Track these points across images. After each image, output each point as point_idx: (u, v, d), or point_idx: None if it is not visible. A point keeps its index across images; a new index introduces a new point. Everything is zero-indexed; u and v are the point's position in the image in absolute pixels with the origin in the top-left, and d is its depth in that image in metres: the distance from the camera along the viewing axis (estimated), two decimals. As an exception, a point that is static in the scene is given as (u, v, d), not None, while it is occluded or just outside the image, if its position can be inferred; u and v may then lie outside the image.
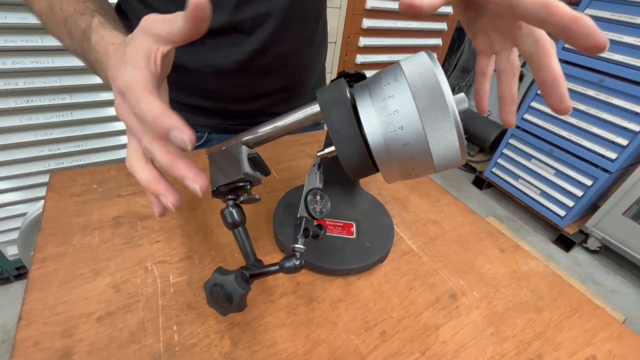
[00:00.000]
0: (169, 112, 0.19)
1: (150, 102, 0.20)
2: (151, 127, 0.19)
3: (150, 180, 0.23)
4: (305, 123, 0.28)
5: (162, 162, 0.21)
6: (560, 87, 0.22)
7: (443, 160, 0.24)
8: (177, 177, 0.21)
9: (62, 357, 0.24)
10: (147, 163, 0.23)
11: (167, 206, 0.23)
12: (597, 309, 0.34)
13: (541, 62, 0.23)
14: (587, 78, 1.45)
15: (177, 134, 0.19)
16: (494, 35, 0.28)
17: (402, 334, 0.29)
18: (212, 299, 0.24)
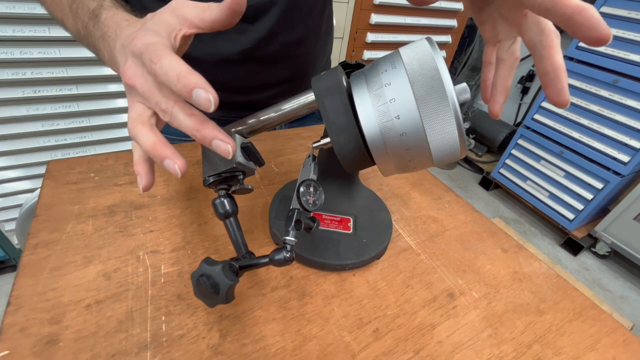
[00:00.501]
0: (193, 70, 0.19)
1: (174, 59, 0.19)
2: (173, 85, 0.19)
3: (156, 143, 0.21)
4: (301, 112, 0.28)
5: (188, 125, 0.20)
6: (561, 80, 0.21)
7: (441, 153, 0.23)
8: (205, 139, 0.21)
9: (48, 344, 0.24)
10: (151, 128, 0.22)
11: (173, 171, 0.21)
12: (602, 314, 0.33)
13: (544, 53, 0.22)
14: (601, 78, 1.41)
15: (201, 93, 0.18)
16: (500, 24, 0.27)
17: (396, 333, 0.28)
18: (198, 289, 0.23)
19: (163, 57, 0.19)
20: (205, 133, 0.21)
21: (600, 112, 1.44)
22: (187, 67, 0.19)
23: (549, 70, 0.21)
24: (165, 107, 0.21)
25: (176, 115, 0.21)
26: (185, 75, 0.18)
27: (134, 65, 0.21)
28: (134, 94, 0.23)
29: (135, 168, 0.24)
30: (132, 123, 0.22)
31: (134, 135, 0.22)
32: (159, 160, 0.22)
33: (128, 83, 0.22)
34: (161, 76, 0.19)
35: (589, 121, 1.49)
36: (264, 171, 0.46)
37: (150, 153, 0.22)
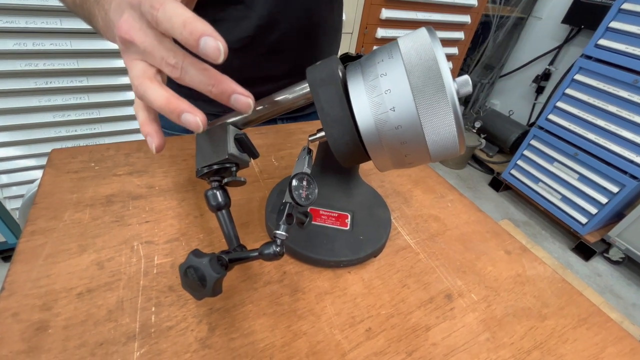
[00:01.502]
0: (200, 18, 0.17)
1: (177, 6, 0.17)
2: (179, 33, 0.17)
3: (170, 98, 0.19)
4: (297, 103, 0.27)
5: (202, 80, 0.19)
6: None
7: (439, 148, 0.22)
8: (223, 94, 0.19)
9: (38, 330, 0.24)
10: (160, 84, 0.20)
11: (195, 125, 0.19)
12: (609, 321, 0.31)
13: None
14: (620, 78, 1.36)
15: (210, 41, 0.17)
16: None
17: (389, 333, 0.28)
18: (186, 281, 0.23)
19: (165, 2, 0.17)
20: (223, 87, 0.19)
21: (619, 113, 1.39)
22: (192, 14, 0.17)
23: None
24: (173, 61, 0.19)
25: (187, 70, 0.19)
26: (191, 22, 0.17)
27: (130, 17, 0.20)
28: (132, 51, 0.21)
29: (143, 129, 0.22)
30: (139, 80, 0.20)
31: (142, 92, 0.20)
32: (175, 116, 0.20)
33: (125, 37, 0.20)
34: (164, 23, 0.17)
35: (606, 122, 1.44)
36: (264, 165, 0.46)
37: (164, 109, 0.20)
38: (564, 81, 1.58)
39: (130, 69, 0.21)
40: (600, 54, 1.41)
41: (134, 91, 0.21)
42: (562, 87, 1.58)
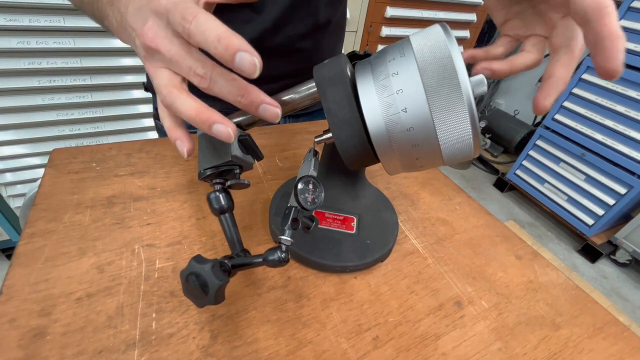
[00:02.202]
0: (235, 33, 0.17)
1: (211, 18, 0.17)
2: (213, 47, 0.17)
3: (200, 108, 0.19)
4: (303, 103, 0.26)
5: (231, 91, 0.19)
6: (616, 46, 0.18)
7: (453, 151, 0.21)
8: (252, 104, 0.19)
9: (36, 336, 0.24)
10: (188, 93, 0.20)
11: (226, 136, 0.19)
12: (625, 331, 0.30)
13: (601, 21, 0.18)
14: (629, 77, 1.34)
15: (246, 57, 0.16)
16: (530, 21, 0.25)
17: (397, 341, 0.27)
18: (187, 288, 0.22)
19: (198, 15, 0.17)
20: (251, 97, 0.19)
21: (627, 113, 1.36)
22: (226, 28, 0.17)
23: (604, 36, 0.18)
24: (202, 71, 0.19)
25: (216, 80, 0.19)
26: (227, 37, 0.16)
27: (156, 25, 0.19)
28: (156, 59, 0.20)
29: (172, 134, 0.22)
30: (167, 89, 0.20)
31: (171, 102, 0.20)
32: (206, 127, 0.19)
33: (150, 46, 0.19)
34: (197, 36, 0.17)
35: (614, 122, 1.41)
36: (268, 166, 0.45)
37: (194, 120, 0.19)
38: (571, 80, 1.56)
39: (154, 76, 0.21)
40: (609, 53, 1.39)
41: (160, 99, 0.21)
42: (570, 87, 1.55)
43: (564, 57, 0.22)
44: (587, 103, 1.50)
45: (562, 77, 0.22)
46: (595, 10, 0.18)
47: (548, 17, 0.24)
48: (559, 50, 0.23)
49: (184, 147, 0.22)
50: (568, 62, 0.22)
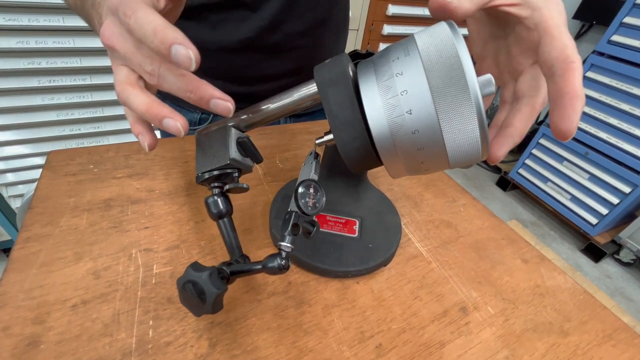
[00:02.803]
0: (171, 26, 0.17)
1: (149, 13, 0.17)
2: (150, 41, 0.17)
3: (151, 104, 0.20)
4: (303, 104, 0.25)
5: (180, 87, 0.19)
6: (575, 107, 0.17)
7: (459, 154, 0.20)
8: (202, 100, 0.19)
9: (29, 345, 0.23)
10: (142, 89, 0.20)
11: (175, 129, 0.20)
12: (636, 338, 0.29)
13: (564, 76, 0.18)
14: (634, 75, 1.32)
15: (181, 50, 0.16)
16: (503, 62, 0.24)
17: (401, 350, 0.26)
18: (184, 296, 0.21)
19: (137, 10, 0.17)
20: (201, 93, 0.19)
21: (632, 111, 1.35)
22: (164, 21, 0.17)
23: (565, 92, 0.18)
24: (150, 68, 0.19)
25: (164, 77, 0.19)
26: (162, 30, 0.16)
27: (112, 23, 0.19)
28: (116, 56, 0.21)
29: (134, 129, 0.22)
30: (121, 86, 0.20)
31: (125, 99, 0.20)
32: (157, 122, 0.20)
33: (107, 44, 0.20)
34: (136, 31, 0.17)
35: (619, 121, 1.40)
36: (268, 167, 0.44)
37: (146, 115, 0.20)
38: (575, 78, 1.54)
39: (114, 74, 0.21)
40: (613, 51, 1.37)
41: (117, 96, 0.21)
42: (573, 85, 1.53)
43: (525, 108, 0.22)
44: (591, 101, 1.49)
45: (520, 130, 0.22)
46: (561, 64, 0.18)
47: (518, 61, 0.23)
48: (521, 100, 0.22)
49: (145, 141, 0.22)
50: (528, 115, 0.22)
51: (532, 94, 0.22)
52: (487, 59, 0.26)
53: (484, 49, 0.26)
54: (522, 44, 0.22)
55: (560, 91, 0.18)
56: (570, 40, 0.19)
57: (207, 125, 0.28)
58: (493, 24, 0.24)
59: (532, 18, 0.20)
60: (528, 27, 0.21)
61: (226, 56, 0.45)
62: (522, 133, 0.22)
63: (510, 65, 0.24)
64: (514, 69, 0.23)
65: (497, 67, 0.25)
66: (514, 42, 0.23)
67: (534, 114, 0.22)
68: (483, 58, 0.26)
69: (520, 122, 0.22)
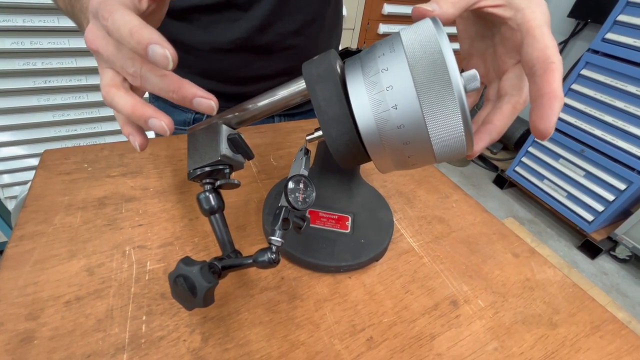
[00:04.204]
0: (148, 26, 0.17)
1: (125, 14, 0.17)
2: (127, 42, 0.17)
3: (135, 104, 0.20)
4: (293, 100, 0.25)
5: (162, 87, 0.19)
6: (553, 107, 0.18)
7: (444, 148, 0.20)
8: (185, 99, 0.20)
9: (23, 341, 0.23)
10: (127, 91, 0.21)
11: (161, 129, 0.20)
12: (623, 329, 0.30)
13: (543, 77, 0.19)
14: (628, 72, 1.33)
15: (157, 49, 0.17)
16: (489, 61, 0.25)
17: (392, 342, 0.26)
18: (175, 291, 0.22)
19: (114, 12, 0.17)
20: (183, 93, 0.19)
21: (626, 108, 1.36)
22: (140, 22, 0.17)
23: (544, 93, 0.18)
24: (132, 69, 0.19)
25: (146, 78, 0.19)
26: (138, 30, 0.17)
27: (94, 27, 0.20)
28: (100, 59, 0.21)
29: (124, 131, 0.23)
30: (105, 89, 0.21)
31: (110, 101, 0.21)
32: (142, 122, 0.20)
33: (90, 47, 0.20)
34: (114, 33, 0.18)
35: (614, 118, 1.41)
36: (262, 165, 0.44)
37: (131, 116, 0.20)
38: (570, 76, 1.55)
39: (100, 77, 0.21)
40: (608, 48, 1.38)
41: (103, 98, 0.21)
42: (568, 83, 1.55)
43: (506, 107, 0.22)
44: (586, 99, 1.50)
45: (498, 127, 0.22)
46: (541, 64, 0.18)
47: (503, 60, 0.23)
48: (503, 98, 0.23)
49: (136, 141, 0.23)
50: (509, 114, 0.22)
51: (514, 92, 0.22)
52: (474, 57, 0.26)
53: (471, 47, 0.26)
54: (506, 43, 0.23)
55: (540, 91, 0.18)
56: (551, 41, 0.19)
57: (199, 123, 0.28)
58: (479, 24, 0.25)
59: (515, 19, 0.21)
60: (511, 27, 0.21)
61: (219, 57, 0.45)
62: (501, 131, 0.22)
63: (495, 64, 0.24)
64: (499, 67, 0.24)
65: (484, 65, 0.25)
66: (499, 42, 0.23)
67: (514, 113, 0.22)
68: (470, 56, 0.26)
69: (500, 120, 0.22)
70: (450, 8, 0.21)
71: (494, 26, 0.24)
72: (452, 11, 0.21)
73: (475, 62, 0.26)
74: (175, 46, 0.19)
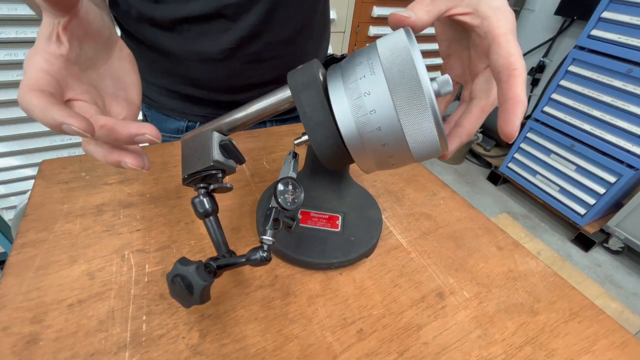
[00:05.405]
0: (53, 105, 0.19)
1: (30, 100, 0.19)
2: (44, 124, 0.19)
3: (105, 154, 0.23)
4: (281, 107, 0.27)
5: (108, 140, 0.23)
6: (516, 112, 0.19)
7: (421, 148, 0.22)
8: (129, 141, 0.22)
9: (29, 343, 0.24)
10: (97, 143, 0.23)
11: (137, 166, 0.24)
12: (600, 314, 0.31)
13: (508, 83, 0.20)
14: (613, 68, 1.36)
15: (67, 128, 0.18)
16: (465, 62, 0.27)
17: (381, 333, 0.28)
18: (173, 290, 0.23)
19: (22, 99, 0.19)
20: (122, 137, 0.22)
21: (613, 103, 1.39)
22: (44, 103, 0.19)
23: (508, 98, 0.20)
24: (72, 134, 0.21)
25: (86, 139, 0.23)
26: (43, 114, 0.19)
27: None
28: None
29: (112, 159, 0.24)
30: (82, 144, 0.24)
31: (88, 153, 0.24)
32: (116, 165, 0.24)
33: None
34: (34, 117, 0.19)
35: (602, 113, 1.44)
36: (255, 168, 0.46)
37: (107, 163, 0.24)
38: (558, 73, 1.58)
39: None
40: (594, 45, 1.41)
41: None
42: (557, 79, 1.58)
43: (475, 110, 0.24)
44: (574, 94, 1.53)
45: (468, 130, 0.23)
46: (505, 71, 0.20)
47: (475, 63, 0.25)
48: (473, 101, 0.24)
49: (135, 164, 0.24)
50: (477, 117, 0.24)
51: (482, 96, 0.24)
52: (452, 57, 0.28)
53: (449, 48, 0.28)
54: (477, 49, 0.24)
55: (505, 96, 0.20)
56: (515, 48, 0.20)
57: (192, 131, 0.29)
58: (455, 28, 0.26)
59: (482, 27, 0.22)
60: (479, 34, 0.23)
61: (209, 66, 0.47)
62: (471, 133, 0.24)
63: (470, 66, 0.26)
64: (472, 70, 0.26)
65: (461, 65, 0.27)
66: (472, 46, 0.25)
67: (482, 116, 0.24)
68: (449, 56, 0.28)
69: (469, 123, 0.24)
70: (424, 15, 0.22)
71: (466, 31, 0.25)
72: (427, 18, 0.22)
73: (452, 62, 0.28)
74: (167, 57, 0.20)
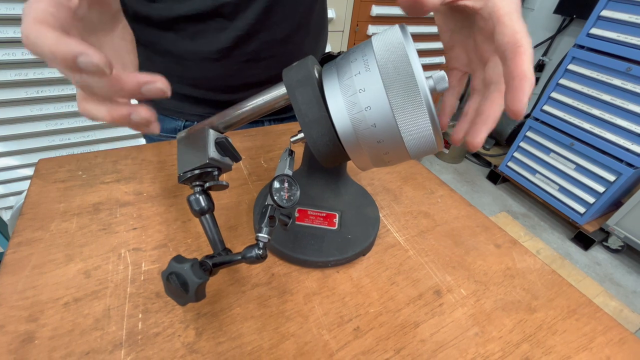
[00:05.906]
0: (65, 38, 0.17)
1: (39, 30, 0.17)
2: (54, 62, 0.17)
3: (109, 110, 0.21)
4: (277, 104, 0.27)
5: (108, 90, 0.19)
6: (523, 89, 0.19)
7: (416, 145, 0.22)
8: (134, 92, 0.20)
9: (24, 341, 0.24)
10: (97, 100, 0.21)
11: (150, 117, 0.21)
12: (598, 312, 0.31)
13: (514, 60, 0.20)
14: (613, 66, 1.36)
15: (84, 60, 0.17)
16: (471, 50, 0.26)
17: (377, 331, 0.28)
18: (168, 288, 0.23)
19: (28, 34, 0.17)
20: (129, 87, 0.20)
21: (613, 101, 1.39)
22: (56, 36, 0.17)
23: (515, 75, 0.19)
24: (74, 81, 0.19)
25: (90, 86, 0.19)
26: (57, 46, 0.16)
27: None
28: None
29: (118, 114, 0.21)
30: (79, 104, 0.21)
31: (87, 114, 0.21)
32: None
33: None
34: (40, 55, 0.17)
35: (601, 111, 1.44)
36: (253, 167, 0.45)
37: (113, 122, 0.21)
38: (557, 71, 1.58)
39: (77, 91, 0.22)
40: (593, 43, 1.41)
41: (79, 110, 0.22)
42: (556, 78, 1.58)
43: (495, 94, 0.23)
44: (573, 93, 1.52)
45: (493, 115, 0.23)
46: (511, 48, 0.19)
47: (483, 48, 0.24)
48: (489, 86, 0.24)
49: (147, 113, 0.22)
50: (499, 99, 0.23)
51: (499, 79, 0.23)
52: (456, 48, 0.27)
53: (451, 39, 0.27)
54: (482, 33, 0.24)
55: (511, 74, 0.19)
56: (520, 26, 0.20)
57: (188, 129, 0.29)
58: (457, 17, 0.26)
59: (486, 8, 0.22)
60: (484, 17, 0.22)
61: (207, 66, 0.47)
62: (496, 118, 0.23)
63: (477, 53, 0.26)
64: (480, 56, 0.25)
65: (467, 54, 0.27)
66: (477, 32, 0.25)
67: (503, 100, 0.23)
68: (452, 47, 0.28)
69: (492, 108, 0.23)
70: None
71: (469, 17, 0.25)
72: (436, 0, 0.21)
73: (457, 52, 0.27)
74: (163, 56, 0.19)
